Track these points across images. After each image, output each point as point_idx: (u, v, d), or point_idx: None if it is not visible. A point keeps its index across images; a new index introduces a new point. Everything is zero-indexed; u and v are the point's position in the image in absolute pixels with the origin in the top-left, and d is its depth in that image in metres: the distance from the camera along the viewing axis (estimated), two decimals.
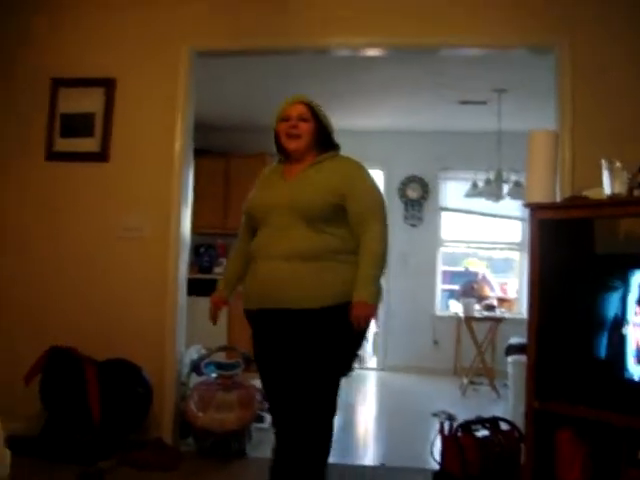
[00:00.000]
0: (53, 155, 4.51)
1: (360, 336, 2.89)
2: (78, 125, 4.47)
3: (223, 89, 6.69)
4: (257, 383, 4.44)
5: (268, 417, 4.75)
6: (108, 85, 4.46)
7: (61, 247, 4.49)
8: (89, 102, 4.45)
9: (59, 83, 4.52)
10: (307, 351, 2.75)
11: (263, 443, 4.37)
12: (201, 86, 4.70)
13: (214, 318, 3.11)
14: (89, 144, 4.46)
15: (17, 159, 4.55)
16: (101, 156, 4.46)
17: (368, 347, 10.01)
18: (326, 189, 2.82)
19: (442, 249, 8.89)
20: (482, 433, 3.82)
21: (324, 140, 3.00)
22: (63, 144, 4.50)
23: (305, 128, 2.93)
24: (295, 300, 2.76)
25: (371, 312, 2.78)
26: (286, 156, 3.02)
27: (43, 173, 4.52)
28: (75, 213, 4.49)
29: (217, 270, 8.09)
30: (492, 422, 3.89)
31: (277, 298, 2.78)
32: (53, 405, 4.12)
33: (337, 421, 3.03)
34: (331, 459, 3.02)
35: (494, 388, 7.02)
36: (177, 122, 4.42)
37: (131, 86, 4.48)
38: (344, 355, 2.87)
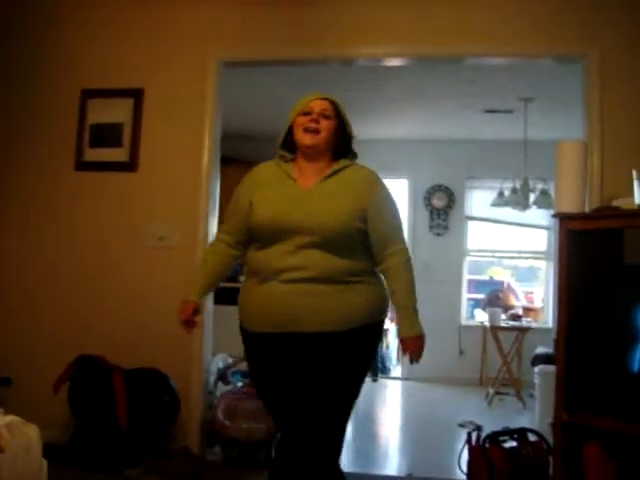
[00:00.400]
0: (82, 165, 4.55)
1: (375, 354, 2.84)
2: (107, 135, 4.51)
3: (250, 98, 6.72)
4: None
5: None
6: (136, 95, 4.50)
7: (89, 255, 4.52)
8: (118, 112, 4.50)
9: (88, 94, 4.56)
10: (333, 373, 2.59)
11: None
12: (228, 95, 4.72)
13: (189, 327, 2.80)
14: (118, 154, 4.49)
15: (47, 169, 4.60)
16: (129, 166, 4.49)
17: (393, 356, 10.01)
18: (352, 211, 2.61)
19: (468, 258, 8.84)
20: (510, 444, 3.79)
21: (343, 144, 2.79)
22: (92, 154, 4.54)
23: (326, 125, 2.69)
24: (322, 323, 2.58)
25: (424, 342, 2.73)
26: (296, 153, 2.77)
27: (72, 182, 4.56)
28: (103, 222, 4.52)
29: (242, 279, 8.06)
30: (520, 433, 3.86)
31: (302, 322, 2.58)
32: (81, 413, 4.14)
33: (363, 431, 3.01)
34: (357, 469, 3.01)
35: (520, 398, 6.96)
36: (205, 132, 4.44)
37: (159, 96, 4.52)
38: (364, 375, 2.76)
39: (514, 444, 3.79)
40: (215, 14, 4.52)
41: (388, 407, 7.39)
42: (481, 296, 9.07)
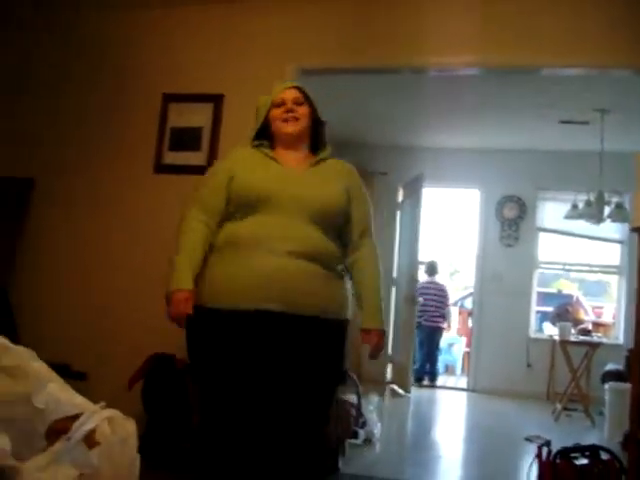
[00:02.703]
0: (162, 167, 4.65)
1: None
2: (186, 139, 4.60)
3: (324, 105, 6.75)
4: (352, 398, 4.50)
5: (362, 432, 4.79)
6: (216, 101, 4.58)
7: (167, 256, 4.60)
8: (198, 117, 4.59)
9: (169, 98, 4.67)
10: (320, 362, 2.48)
11: (356, 459, 4.39)
12: None
13: (182, 321, 2.46)
14: (196, 157, 4.57)
15: (127, 170, 4.71)
16: (207, 170, 4.56)
17: (457, 367, 9.97)
18: (341, 190, 2.61)
19: (537, 270, 8.72)
20: (581, 462, 3.72)
21: (317, 129, 2.80)
22: (171, 157, 4.64)
23: (303, 111, 2.72)
24: (319, 308, 2.45)
25: (384, 339, 2.63)
26: (276, 142, 2.72)
27: (151, 184, 4.67)
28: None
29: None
30: (592, 450, 3.79)
31: (292, 301, 2.39)
32: (154, 410, 4.23)
33: (425, 441, 2.98)
34: (420, 478, 2.98)
35: (589, 415, 6.83)
36: None
37: (238, 102, 4.58)
38: (341, 374, 2.66)
39: (585, 461, 3.73)
40: (293, 22, 4.58)
41: (451, 418, 7.33)
42: (549, 309, 8.94)
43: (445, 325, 9.42)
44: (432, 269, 9.31)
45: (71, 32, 4.93)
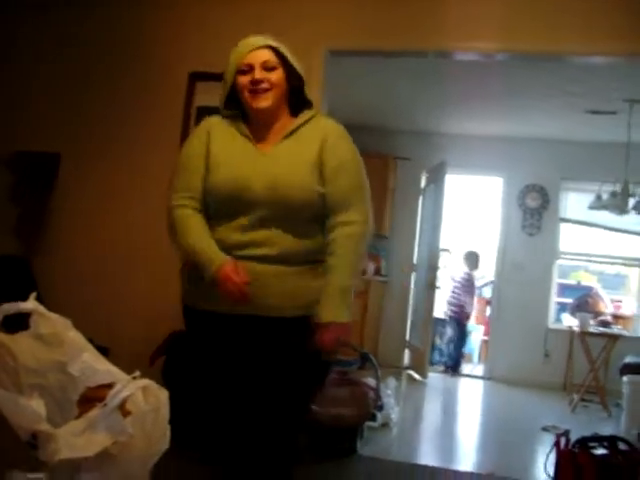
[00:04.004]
0: None
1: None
2: None
3: (350, 89, 6.74)
4: (371, 381, 4.51)
5: (380, 416, 4.81)
6: None
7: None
8: None
9: (196, 77, 4.66)
10: (289, 366, 2.27)
11: (373, 441, 4.42)
12: (329, 84, 4.75)
13: (245, 296, 2.21)
14: None
15: (153, 149, 4.72)
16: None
17: (474, 355, 9.96)
18: (313, 175, 2.26)
19: (558, 261, 8.68)
20: (600, 451, 3.72)
21: (296, 92, 2.38)
22: None
23: (274, 79, 2.27)
24: (283, 307, 2.25)
25: (347, 332, 2.25)
26: (249, 116, 2.37)
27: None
28: None
29: None
30: (610, 441, 3.78)
31: (263, 304, 2.23)
32: (174, 388, 4.25)
33: (443, 427, 2.97)
34: (437, 463, 2.98)
35: (605, 407, 6.81)
36: None
37: None
38: (319, 373, 2.43)
39: (604, 451, 3.72)
40: (322, 5, 4.56)
41: (468, 405, 7.33)
42: (567, 300, 8.90)
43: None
44: (475, 261, 9.10)
45: (102, 18, 4.93)
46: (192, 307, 2.37)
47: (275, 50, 2.31)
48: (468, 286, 8.97)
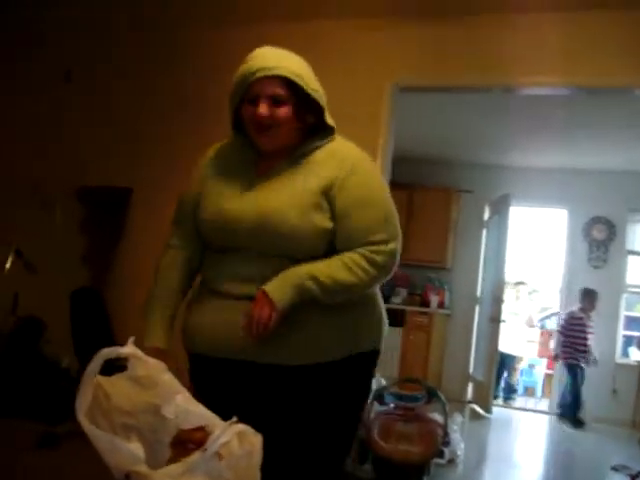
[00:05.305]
0: None
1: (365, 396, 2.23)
2: None
3: (413, 121, 6.77)
4: (438, 417, 4.48)
5: (447, 452, 4.77)
6: None
7: None
8: None
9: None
10: (297, 420, 2.04)
11: (440, 478, 4.37)
12: (395, 118, 4.77)
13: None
14: None
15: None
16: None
17: (537, 389, 9.80)
18: (315, 202, 1.99)
19: (625, 295, 8.49)
20: None
21: (314, 122, 2.11)
22: None
23: (282, 115, 1.99)
24: (279, 354, 2.01)
25: (277, 319, 1.92)
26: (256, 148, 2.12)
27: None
28: None
29: (395, 300, 8.15)
30: None
31: (265, 352, 1.99)
32: None
33: (504, 466, 2.91)
34: None
35: None
36: (377, 157, 4.51)
37: (335, 116, 4.61)
38: (348, 426, 2.17)
39: None
40: (390, 41, 4.60)
41: (531, 442, 7.19)
42: (634, 333, 8.68)
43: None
44: (593, 300, 7.99)
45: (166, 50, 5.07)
46: (192, 352, 2.17)
47: (286, 79, 1.99)
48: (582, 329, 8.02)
